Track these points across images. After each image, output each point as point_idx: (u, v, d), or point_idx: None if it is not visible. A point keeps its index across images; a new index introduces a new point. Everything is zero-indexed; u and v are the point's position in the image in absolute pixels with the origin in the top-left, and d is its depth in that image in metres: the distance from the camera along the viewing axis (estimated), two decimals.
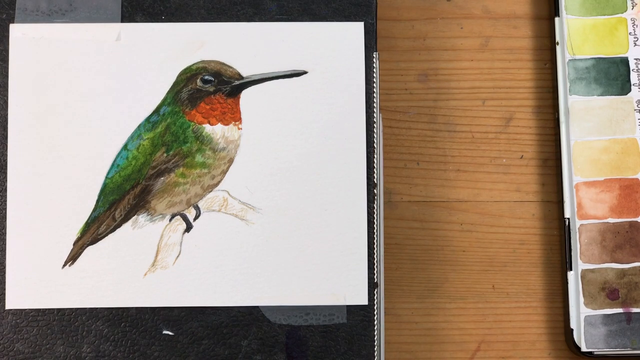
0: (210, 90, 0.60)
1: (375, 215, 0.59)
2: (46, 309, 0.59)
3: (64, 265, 0.59)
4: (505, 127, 0.65)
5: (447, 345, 0.63)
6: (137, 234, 0.59)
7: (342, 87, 0.60)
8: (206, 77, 0.60)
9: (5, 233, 0.59)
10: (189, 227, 0.59)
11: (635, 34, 0.64)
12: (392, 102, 0.65)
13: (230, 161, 0.60)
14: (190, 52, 0.60)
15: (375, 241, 0.59)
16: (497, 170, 0.64)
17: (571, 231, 0.62)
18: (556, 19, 0.64)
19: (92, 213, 0.59)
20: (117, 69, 0.60)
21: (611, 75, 0.64)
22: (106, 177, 0.59)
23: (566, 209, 0.63)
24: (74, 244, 0.59)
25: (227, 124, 0.60)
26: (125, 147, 0.60)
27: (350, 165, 0.60)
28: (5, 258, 0.59)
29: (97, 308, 0.59)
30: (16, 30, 0.60)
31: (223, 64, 0.60)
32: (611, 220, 0.62)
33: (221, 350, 0.59)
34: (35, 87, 0.60)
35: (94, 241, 0.59)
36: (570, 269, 0.62)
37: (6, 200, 0.59)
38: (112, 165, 0.59)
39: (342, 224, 0.59)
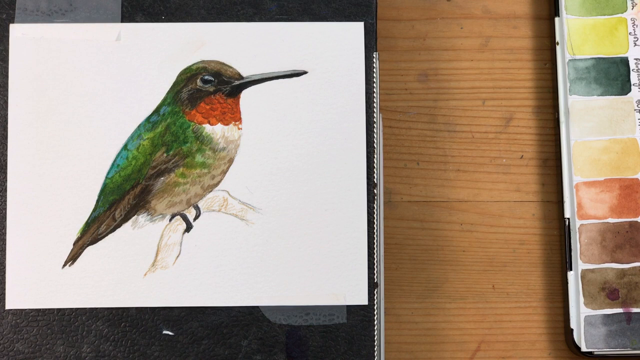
0: (210, 90, 0.60)
1: (375, 215, 0.59)
2: (46, 309, 0.59)
3: (64, 265, 0.59)
4: (505, 127, 0.65)
5: (447, 345, 0.63)
6: (137, 234, 0.59)
7: (342, 87, 0.60)
8: (206, 77, 0.60)
9: (5, 233, 0.59)
10: (189, 227, 0.59)
11: (635, 34, 0.64)
12: (392, 102, 0.65)
13: (230, 161, 0.60)
14: (190, 52, 0.60)
15: (375, 241, 0.59)
16: (497, 170, 0.64)
17: (571, 231, 0.62)
18: (556, 19, 0.64)
19: (92, 213, 0.59)
20: (117, 69, 0.60)
21: (611, 75, 0.64)
22: (106, 177, 0.59)
23: (566, 209, 0.63)
24: (74, 244, 0.59)
25: (227, 124, 0.60)
26: (125, 147, 0.60)
27: (350, 165, 0.60)
28: (5, 258, 0.59)
29: (97, 308, 0.59)
30: (16, 30, 0.60)
31: (223, 64, 0.60)
32: (611, 220, 0.62)
33: (221, 350, 0.59)
34: (35, 87, 0.60)
35: (94, 241, 0.59)
36: (570, 269, 0.62)
37: (6, 200, 0.59)
38: (112, 165, 0.59)
39: (342, 224, 0.59)
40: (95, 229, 0.59)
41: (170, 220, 0.60)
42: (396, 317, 0.63)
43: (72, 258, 0.59)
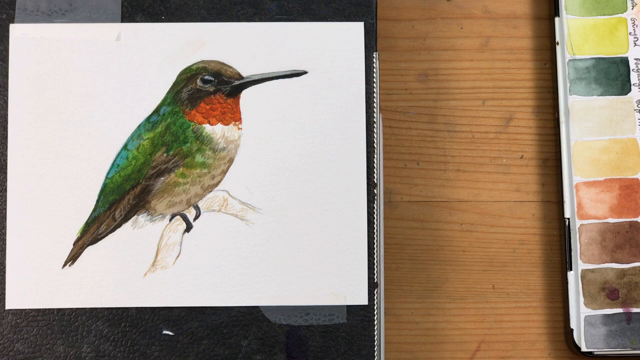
0: (210, 90, 0.60)
1: (375, 215, 0.59)
2: (46, 309, 0.59)
3: (64, 265, 0.59)
4: (505, 127, 0.65)
5: (447, 345, 0.63)
6: (137, 234, 0.59)
7: (342, 87, 0.60)
8: (206, 77, 0.60)
9: (5, 233, 0.59)
10: (189, 227, 0.59)
11: (635, 34, 0.64)
12: (392, 102, 0.65)
13: (230, 161, 0.60)
14: (190, 52, 0.60)
15: (375, 241, 0.59)
16: (497, 170, 0.64)
17: (571, 231, 0.62)
18: (556, 19, 0.64)
19: (92, 213, 0.59)
20: (117, 69, 0.60)
21: (611, 75, 0.64)
22: (106, 177, 0.59)
23: (566, 209, 0.63)
24: (74, 244, 0.59)
25: (227, 124, 0.60)
26: (125, 147, 0.60)
27: (350, 165, 0.60)
28: (5, 258, 0.59)
29: (97, 308, 0.59)
30: (16, 30, 0.60)
31: (223, 64, 0.60)
32: (611, 220, 0.62)
33: (221, 350, 0.59)
34: (35, 87, 0.60)
35: (94, 241, 0.59)
36: (570, 269, 0.62)
37: (6, 200, 0.59)
38: (112, 165, 0.59)
39: (342, 224, 0.59)
40: (95, 229, 0.59)
41: (170, 220, 0.60)
42: (396, 317, 0.63)
43: (72, 258, 0.59)
